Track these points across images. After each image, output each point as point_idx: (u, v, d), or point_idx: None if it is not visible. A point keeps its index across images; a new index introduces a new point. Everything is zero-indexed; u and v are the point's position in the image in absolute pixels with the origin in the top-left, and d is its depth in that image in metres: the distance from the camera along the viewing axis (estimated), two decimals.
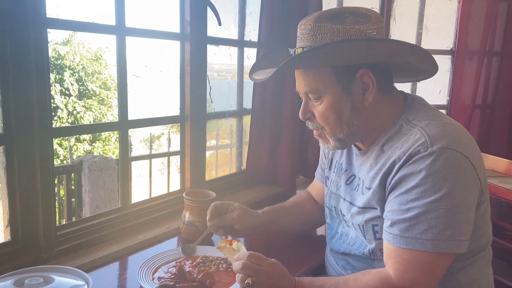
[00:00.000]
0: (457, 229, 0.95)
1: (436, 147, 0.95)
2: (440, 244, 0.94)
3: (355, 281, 1.02)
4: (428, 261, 0.96)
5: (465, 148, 0.98)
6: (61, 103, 8.96)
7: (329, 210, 1.31)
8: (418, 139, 0.99)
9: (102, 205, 3.53)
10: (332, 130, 1.09)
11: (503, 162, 2.20)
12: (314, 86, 1.06)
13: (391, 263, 1.00)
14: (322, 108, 1.07)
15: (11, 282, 1.05)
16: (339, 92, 1.05)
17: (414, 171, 0.97)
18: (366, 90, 1.06)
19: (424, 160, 0.96)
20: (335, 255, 1.26)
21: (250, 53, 2.15)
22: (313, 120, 1.12)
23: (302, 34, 1.05)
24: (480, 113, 2.99)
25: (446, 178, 0.94)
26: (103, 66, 10.10)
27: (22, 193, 1.26)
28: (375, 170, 1.08)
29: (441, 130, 0.99)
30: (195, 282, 1.20)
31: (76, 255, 1.38)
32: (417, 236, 0.95)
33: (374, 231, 1.09)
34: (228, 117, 2.18)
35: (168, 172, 4.12)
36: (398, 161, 1.00)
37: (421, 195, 0.95)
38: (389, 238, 1.00)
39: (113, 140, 9.56)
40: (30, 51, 1.23)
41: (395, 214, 0.99)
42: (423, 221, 0.95)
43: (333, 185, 1.29)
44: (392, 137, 1.07)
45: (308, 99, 1.10)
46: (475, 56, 2.85)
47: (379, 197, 1.06)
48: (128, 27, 1.53)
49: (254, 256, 1.04)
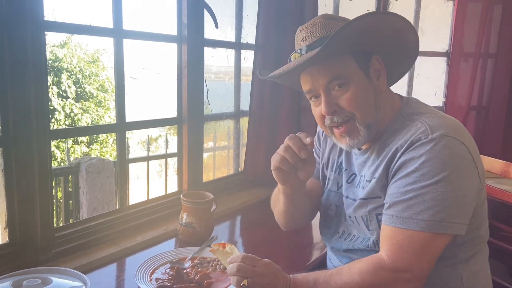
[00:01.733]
0: (453, 212, 0.96)
1: (436, 134, 0.99)
2: (434, 225, 0.96)
3: (349, 269, 1.03)
4: (422, 241, 0.97)
5: (463, 137, 1.02)
6: (59, 105, 8.95)
7: (326, 208, 1.31)
8: (419, 128, 1.03)
9: (100, 207, 3.52)
10: (363, 115, 1.07)
11: (498, 163, 2.21)
12: (339, 72, 1.06)
13: (385, 244, 1.01)
14: (350, 93, 1.06)
15: (9, 284, 1.06)
16: (361, 76, 1.08)
17: (414, 156, 1.00)
18: (379, 75, 1.11)
19: (424, 146, 0.99)
20: (337, 253, 1.26)
21: (247, 55, 2.17)
22: (339, 113, 1.08)
23: (311, 32, 1.08)
24: (475, 115, 3.01)
25: (445, 163, 0.97)
26: (101, 68, 10.10)
27: (20, 195, 1.27)
28: (377, 162, 1.10)
29: (440, 121, 1.04)
30: (192, 283, 1.20)
31: (74, 257, 1.39)
32: (413, 216, 0.97)
33: (378, 220, 1.10)
34: (226, 119, 2.20)
35: (166, 174, 4.12)
36: (400, 148, 1.03)
37: (419, 179, 0.98)
38: (386, 219, 1.02)
39: (110, 142, 9.55)
40: (28, 53, 1.24)
41: (393, 197, 1.02)
42: (420, 203, 0.97)
43: (333, 184, 1.29)
44: (394, 132, 1.10)
45: (328, 93, 1.08)
46: (470, 58, 2.87)
47: (382, 185, 1.08)
48: (126, 29, 1.54)
49: (248, 258, 1.04)
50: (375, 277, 0.98)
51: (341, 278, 1.01)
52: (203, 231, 1.54)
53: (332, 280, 1.02)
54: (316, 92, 1.09)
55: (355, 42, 1.05)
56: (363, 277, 0.99)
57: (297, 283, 1.04)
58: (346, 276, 1.01)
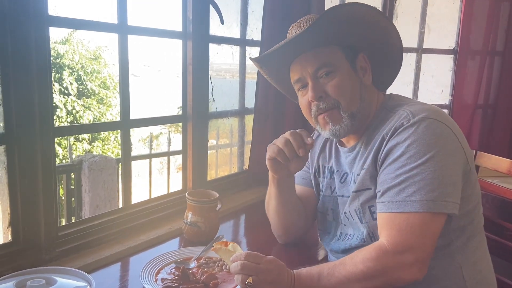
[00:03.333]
0: (444, 190, 0.98)
1: (418, 118, 1.03)
2: (428, 204, 0.97)
3: (351, 259, 1.02)
4: (419, 222, 0.97)
5: (445, 119, 1.05)
6: (60, 103, 8.95)
7: (323, 214, 1.32)
8: (401, 115, 1.07)
9: (102, 205, 3.51)
10: (347, 103, 1.12)
11: (505, 162, 2.18)
12: (328, 60, 1.12)
13: (384, 230, 1.02)
14: (336, 81, 1.12)
15: (12, 284, 1.04)
16: (348, 68, 1.14)
17: (399, 141, 1.03)
18: (365, 73, 1.17)
19: (408, 130, 1.03)
20: (336, 254, 1.26)
21: (252, 52, 2.14)
22: (325, 100, 1.13)
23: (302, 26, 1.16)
24: (482, 113, 2.98)
25: (429, 143, 1.00)
26: (102, 65, 10.09)
27: (23, 193, 1.24)
28: (365, 154, 1.13)
29: (421, 106, 1.09)
30: (198, 283, 1.18)
31: (78, 256, 1.37)
32: (406, 198, 0.99)
33: (371, 211, 1.12)
34: (230, 116, 2.17)
35: (168, 172, 4.11)
36: (385, 136, 1.07)
37: (407, 161, 1.00)
38: (380, 207, 1.04)
39: (112, 139, 9.55)
40: (31, 49, 1.21)
41: (384, 184, 1.04)
42: (411, 185, 0.99)
43: (327, 189, 1.31)
44: (378, 125, 1.13)
45: (316, 80, 1.13)
46: (477, 56, 2.84)
47: (371, 175, 1.10)
48: (130, 25, 1.51)
49: (252, 255, 1.03)
50: (379, 263, 0.98)
51: (345, 268, 1.01)
52: (208, 231, 1.52)
53: (336, 271, 1.01)
54: (305, 81, 1.15)
55: (342, 32, 1.11)
56: (366, 265, 0.98)
57: (301, 278, 1.04)
58: (350, 265, 1.00)
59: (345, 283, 0.99)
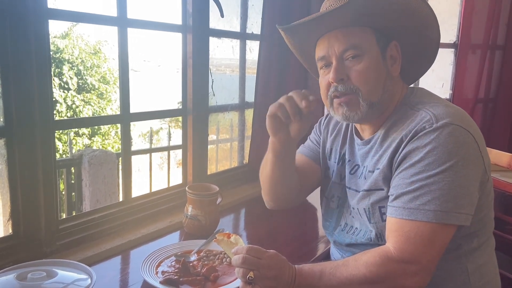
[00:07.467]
0: (460, 202, 0.95)
1: (441, 123, 0.97)
2: (442, 215, 0.94)
3: (355, 261, 1.00)
4: (429, 232, 0.95)
5: (469, 126, 1.00)
6: (60, 97, 8.92)
7: (328, 200, 1.29)
8: (424, 117, 1.01)
9: (102, 199, 3.51)
10: (369, 92, 1.06)
11: (505, 156, 2.18)
12: (358, 42, 1.05)
13: (392, 236, 0.99)
14: (362, 66, 1.05)
15: (13, 276, 1.04)
16: (378, 54, 1.07)
17: (419, 146, 0.98)
18: (394, 62, 1.10)
19: (429, 135, 0.97)
20: (340, 247, 1.24)
21: (252, 46, 2.13)
22: (346, 83, 1.07)
23: (338, 1, 1.05)
24: (482, 107, 2.98)
25: (450, 152, 0.95)
26: (102, 60, 10.05)
27: (23, 186, 1.25)
28: (380, 152, 1.09)
29: (445, 109, 1.02)
30: (199, 276, 1.19)
31: (78, 249, 1.37)
32: (420, 207, 0.95)
33: (381, 212, 1.08)
34: (230, 110, 2.17)
35: (168, 167, 4.11)
36: (404, 138, 1.02)
37: (425, 168, 0.96)
38: (391, 211, 1.00)
39: (112, 134, 9.54)
40: (31, 42, 1.21)
41: (399, 188, 1.00)
42: (427, 193, 0.95)
43: (337, 175, 1.27)
44: (397, 122, 1.08)
45: (341, 61, 1.07)
46: (478, 50, 2.84)
47: (385, 176, 1.06)
48: (130, 18, 1.50)
49: (253, 249, 1.02)
50: (382, 269, 0.96)
51: (347, 269, 0.99)
52: (208, 224, 1.52)
53: (338, 272, 1.00)
54: (329, 59, 1.08)
55: (379, 16, 1.03)
56: (369, 269, 0.97)
57: (303, 274, 1.02)
58: (353, 267, 0.99)
59: (346, 285, 0.98)
